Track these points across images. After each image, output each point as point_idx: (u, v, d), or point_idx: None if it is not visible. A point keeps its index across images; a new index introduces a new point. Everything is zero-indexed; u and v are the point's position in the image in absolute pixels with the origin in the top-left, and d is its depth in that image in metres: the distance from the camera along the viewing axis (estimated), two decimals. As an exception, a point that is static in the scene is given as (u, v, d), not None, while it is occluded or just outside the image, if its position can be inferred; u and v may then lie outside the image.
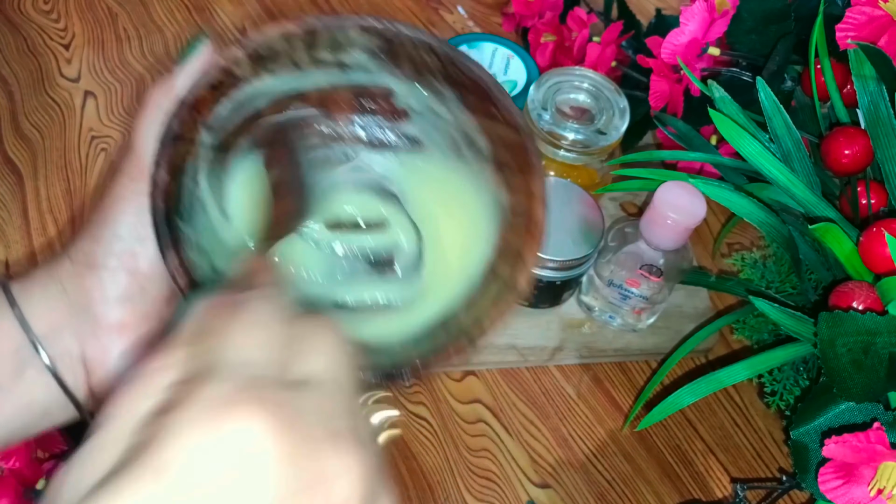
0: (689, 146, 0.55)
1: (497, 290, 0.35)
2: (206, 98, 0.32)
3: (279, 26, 0.32)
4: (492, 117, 0.35)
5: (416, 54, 0.34)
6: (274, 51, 0.33)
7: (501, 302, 0.34)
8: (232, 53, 0.32)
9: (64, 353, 0.31)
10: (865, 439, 0.38)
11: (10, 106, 0.64)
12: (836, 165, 0.48)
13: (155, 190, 0.31)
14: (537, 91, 0.54)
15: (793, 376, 0.48)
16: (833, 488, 0.39)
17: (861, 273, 0.44)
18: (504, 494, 0.50)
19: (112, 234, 0.31)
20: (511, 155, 0.35)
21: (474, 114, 0.36)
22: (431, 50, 0.34)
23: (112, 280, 0.31)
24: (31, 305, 0.31)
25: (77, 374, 0.31)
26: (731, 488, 0.51)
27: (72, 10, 0.72)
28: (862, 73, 0.46)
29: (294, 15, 0.73)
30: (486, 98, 0.34)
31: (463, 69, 0.34)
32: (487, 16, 0.75)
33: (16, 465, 0.44)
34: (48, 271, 0.32)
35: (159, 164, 0.31)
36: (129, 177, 0.31)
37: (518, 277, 0.34)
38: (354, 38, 0.33)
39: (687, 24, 0.52)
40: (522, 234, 0.35)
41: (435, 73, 0.35)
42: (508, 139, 0.35)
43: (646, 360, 0.56)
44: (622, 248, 0.50)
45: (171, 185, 0.31)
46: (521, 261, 0.34)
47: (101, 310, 0.31)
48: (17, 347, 0.30)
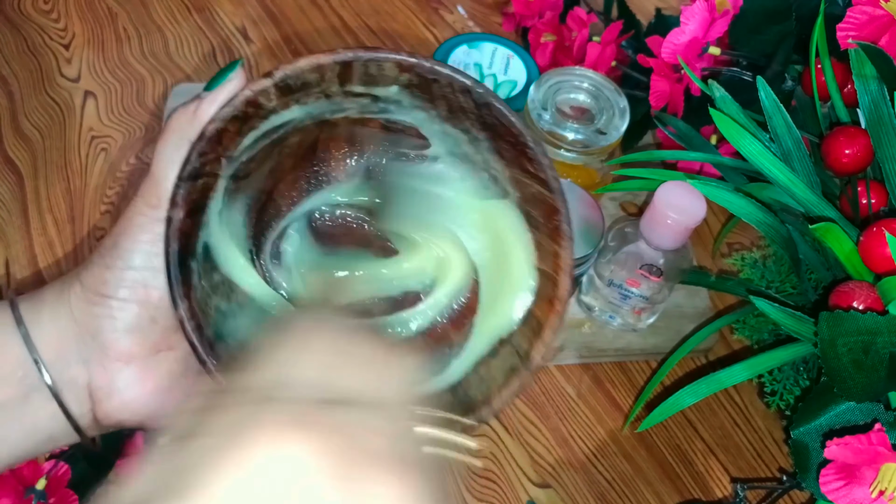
0: (689, 146, 0.55)
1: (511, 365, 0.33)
2: (229, 130, 0.30)
3: (311, 57, 0.30)
4: (525, 171, 0.33)
5: (452, 94, 0.32)
6: (304, 82, 0.31)
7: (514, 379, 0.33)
8: (260, 84, 0.30)
9: (70, 382, 0.31)
10: (867, 441, 0.37)
11: (10, 106, 0.64)
12: (837, 165, 0.48)
13: (170, 230, 0.29)
14: (537, 91, 0.54)
15: (793, 376, 0.48)
16: (834, 489, 0.39)
17: (861, 273, 0.43)
18: (504, 494, 0.50)
19: (125, 263, 0.30)
20: (541, 214, 0.34)
21: (507, 164, 0.34)
22: (467, 91, 0.32)
23: (122, 310, 0.31)
24: (40, 329, 0.31)
25: (82, 402, 0.31)
26: (731, 488, 0.51)
27: (72, 9, 0.72)
28: (863, 72, 0.46)
29: (294, 15, 0.73)
30: (521, 151, 0.33)
31: (499, 116, 0.32)
32: (487, 16, 0.75)
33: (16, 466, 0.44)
34: (59, 294, 0.31)
35: (176, 202, 0.29)
36: (147, 203, 0.30)
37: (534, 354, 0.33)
38: (389, 72, 0.32)
39: (687, 24, 0.52)
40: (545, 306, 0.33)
41: (469, 115, 0.33)
42: (540, 198, 0.33)
43: (646, 360, 0.56)
44: (622, 248, 0.50)
45: (187, 225, 0.30)
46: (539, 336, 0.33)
47: (110, 339, 0.31)
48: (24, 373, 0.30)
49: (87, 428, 0.32)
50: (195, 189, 0.30)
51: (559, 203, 0.33)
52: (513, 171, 0.34)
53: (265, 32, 0.72)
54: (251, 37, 0.71)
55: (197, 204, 0.31)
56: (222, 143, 0.30)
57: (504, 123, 0.32)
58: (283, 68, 0.30)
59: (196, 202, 0.30)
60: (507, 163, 0.34)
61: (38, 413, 0.30)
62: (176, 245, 0.29)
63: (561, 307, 0.33)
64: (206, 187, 0.31)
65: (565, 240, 0.33)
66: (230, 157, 0.31)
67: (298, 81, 0.31)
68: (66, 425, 0.31)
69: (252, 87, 0.30)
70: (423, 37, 0.73)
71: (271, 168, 0.35)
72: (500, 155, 0.34)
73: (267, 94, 0.30)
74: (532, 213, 0.34)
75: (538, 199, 0.33)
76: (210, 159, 0.30)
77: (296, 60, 0.30)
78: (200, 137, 0.30)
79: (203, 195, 0.31)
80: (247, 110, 0.30)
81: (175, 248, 0.29)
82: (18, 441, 0.30)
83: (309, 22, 0.73)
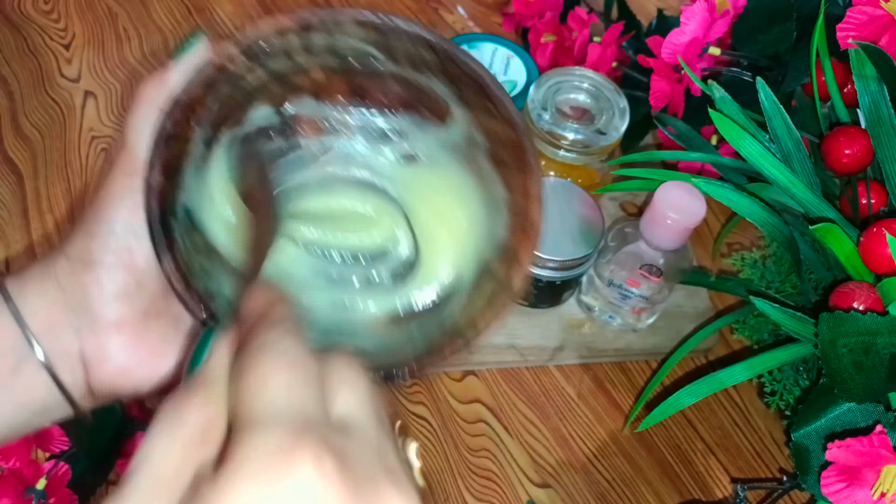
0: (689, 146, 0.55)
1: (492, 290, 0.35)
2: (199, 96, 0.32)
3: (273, 21, 0.32)
4: (489, 114, 0.35)
5: (413, 49, 0.34)
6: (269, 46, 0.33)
7: (496, 302, 0.34)
8: (226, 50, 0.32)
9: (62, 351, 0.31)
10: (868, 443, 0.37)
11: (10, 106, 0.64)
12: (837, 165, 0.48)
13: (149, 192, 0.31)
14: (537, 91, 0.54)
15: (793, 376, 0.48)
16: (836, 491, 0.39)
17: (861, 273, 0.43)
18: (504, 494, 0.50)
19: (107, 230, 0.31)
20: (508, 153, 0.35)
21: (471, 110, 0.35)
22: (428, 45, 0.33)
23: (109, 277, 0.31)
24: (28, 303, 0.31)
25: (76, 371, 0.31)
26: (731, 488, 0.51)
27: (72, 10, 0.72)
28: (863, 72, 0.46)
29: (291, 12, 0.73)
30: (483, 95, 0.34)
31: (460, 65, 0.33)
32: (487, 16, 0.75)
33: (16, 465, 0.44)
34: (44, 268, 0.32)
35: (153, 165, 0.31)
36: (123, 172, 0.31)
37: (513, 277, 0.34)
38: (350, 31, 0.33)
39: (688, 24, 0.52)
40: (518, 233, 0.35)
41: (432, 67, 0.34)
42: (506, 137, 0.35)
43: (646, 360, 0.56)
44: (622, 248, 0.50)
45: (165, 187, 0.31)
46: (516, 261, 0.34)
47: (99, 307, 0.31)
48: (13, 345, 0.30)
49: (82, 398, 0.32)
50: (170, 153, 0.31)
51: (524, 138, 0.34)
52: (476, 113, 0.35)
53: (265, 32, 0.72)
54: (251, 37, 0.71)
55: (173, 166, 0.32)
56: (192, 109, 0.32)
57: (467, 73, 0.33)
58: (246, 33, 0.32)
59: (172, 165, 0.31)
60: (471, 107, 0.35)
61: (31, 383, 0.30)
62: (155, 202, 0.30)
63: (534, 232, 0.34)
64: (181, 152, 0.32)
65: (532, 170, 0.34)
66: (200, 121, 0.33)
67: (263, 45, 0.32)
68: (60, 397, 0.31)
69: (219, 53, 0.31)
70: (423, 37, 0.73)
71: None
72: (465, 102, 0.35)
73: (233, 59, 0.32)
74: (498, 152, 0.36)
75: (502, 137, 0.35)
76: (181, 121, 0.31)
77: (259, 25, 0.32)
78: (171, 104, 0.31)
79: (178, 158, 0.32)
80: (215, 75, 0.32)
81: (154, 204, 0.30)
82: (12, 414, 0.31)
83: (309, 22, 0.73)
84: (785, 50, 0.55)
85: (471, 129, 0.36)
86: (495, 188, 0.37)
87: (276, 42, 0.33)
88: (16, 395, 0.30)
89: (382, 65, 0.35)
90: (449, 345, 0.33)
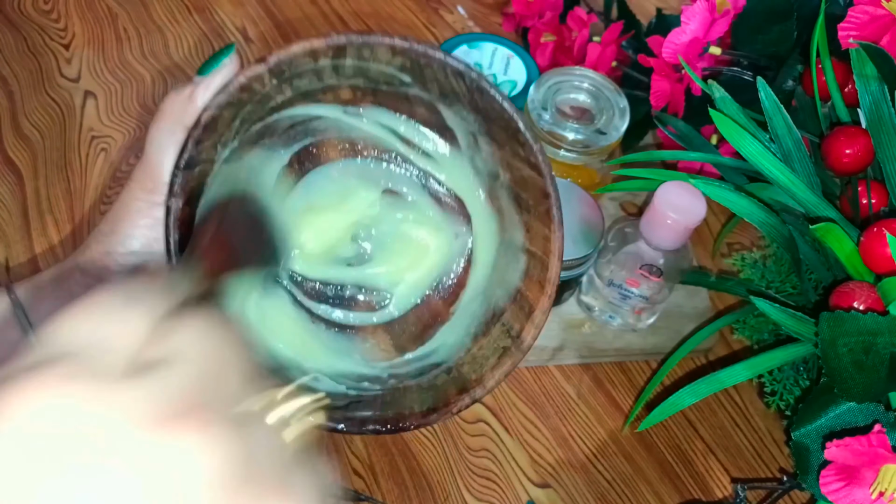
0: (689, 146, 0.55)
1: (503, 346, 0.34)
2: (223, 116, 0.31)
3: (305, 43, 0.30)
4: (516, 155, 0.34)
5: (444, 78, 0.33)
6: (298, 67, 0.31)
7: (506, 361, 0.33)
8: (255, 70, 0.30)
9: None
10: (867, 442, 0.37)
11: (10, 106, 0.64)
12: (837, 165, 0.48)
13: (170, 219, 0.30)
14: (537, 91, 0.54)
15: (793, 376, 0.48)
16: (834, 490, 0.39)
17: (862, 273, 0.43)
18: (504, 494, 0.50)
19: (125, 248, 0.30)
20: (532, 199, 0.34)
21: (499, 147, 0.34)
22: (460, 75, 0.32)
23: None
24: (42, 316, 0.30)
25: None
26: (731, 488, 0.51)
27: (72, 10, 0.72)
28: (863, 72, 0.46)
29: (293, 15, 0.73)
30: (512, 134, 0.33)
31: (490, 100, 0.32)
32: (487, 16, 0.75)
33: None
34: (57, 281, 0.31)
35: (175, 191, 0.30)
36: (143, 188, 0.30)
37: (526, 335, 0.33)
38: (382, 56, 0.32)
39: (688, 24, 0.52)
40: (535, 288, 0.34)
41: (462, 98, 0.33)
42: (532, 182, 0.34)
43: (646, 360, 0.56)
44: (622, 248, 0.50)
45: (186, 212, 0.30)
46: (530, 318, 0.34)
47: None
48: None
49: None
50: (192, 177, 0.30)
51: (550, 187, 0.33)
52: (504, 153, 0.34)
53: (265, 32, 0.72)
54: (251, 37, 0.71)
55: (195, 191, 0.31)
56: (217, 130, 0.31)
57: (496, 108, 0.32)
58: (276, 54, 0.30)
59: (194, 189, 0.31)
60: (499, 146, 0.34)
61: None
62: (177, 235, 0.30)
63: (551, 290, 0.33)
64: (203, 174, 0.31)
65: (556, 224, 0.33)
66: (225, 143, 0.32)
67: (292, 66, 0.31)
68: None
69: (246, 74, 0.30)
70: (423, 37, 0.73)
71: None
72: (492, 138, 0.34)
73: (261, 80, 0.31)
74: (522, 196, 0.35)
75: (529, 183, 0.34)
76: (206, 147, 0.30)
77: (289, 45, 0.30)
78: (196, 125, 0.30)
79: (200, 182, 0.31)
80: (241, 96, 0.31)
81: (176, 237, 0.30)
82: None
83: (308, 22, 0.73)
84: (785, 50, 0.55)
85: (496, 165, 0.35)
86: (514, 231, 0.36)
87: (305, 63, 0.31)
88: None
89: (411, 89, 0.34)
90: (456, 402, 0.33)
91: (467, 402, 0.33)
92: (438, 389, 0.34)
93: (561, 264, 0.33)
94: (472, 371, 0.34)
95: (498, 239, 0.37)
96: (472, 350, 0.35)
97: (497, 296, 0.36)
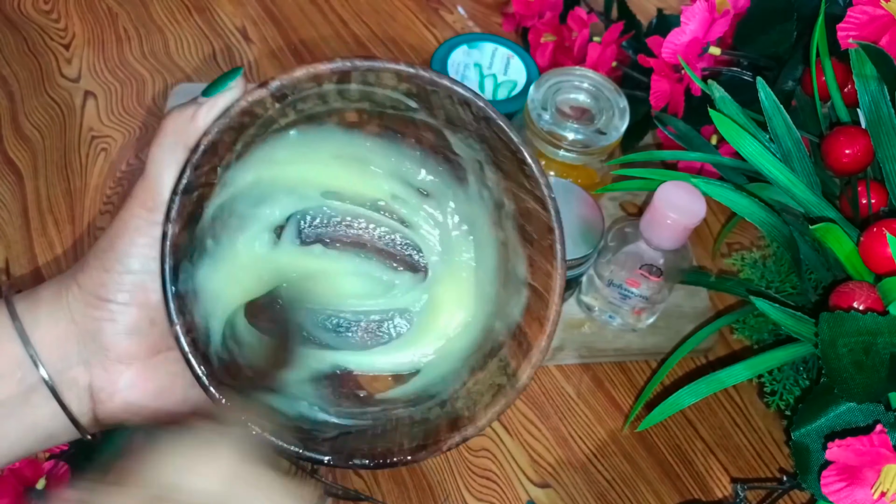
0: (689, 146, 0.55)
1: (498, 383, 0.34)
2: (224, 140, 0.30)
3: (309, 68, 0.30)
4: (522, 187, 0.33)
5: (450, 105, 0.32)
6: (302, 91, 0.31)
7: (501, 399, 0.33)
8: (257, 95, 0.30)
9: (71, 382, 0.31)
10: (868, 442, 0.37)
11: (10, 106, 0.64)
12: (837, 165, 0.48)
13: (165, 245, 0.29)
14: (537, 91, 0.54)
15: (793, 376, 0.48)
16: (836, 491, 0.39)
17: (861, 273, 0.43)
18: (504, 494, 0.50)
19: (123, 267, 0.30)
20: (537, 232, 0.34)
21: (506, 178, 0.34)
22: (466, 103, 0.32)
23: (122, 313, 0.30)
24: (39, 329, 0.30)
25: (83, 402, 0.31)
26: (731, 488, 0.51)
27: (72, 10, 0.72)
28: (863, 72, 0.46)
29: (293, 15, 0.73)
30: (518, 166, 0.32)
31: (498, 131, 0.32)
32: (487, 16, 0.75)
33: (16, 465, 0.44)
34: (56, 295, 0.31)
35: (171, 217, 0.29)
36: (143, 206, 0.30)
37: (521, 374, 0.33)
38: (388, 82, 0.32)
39: (688, 24, 0.52)
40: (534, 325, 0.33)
41: (468, 126, 0.33)
42: (536, 215, 0.33)
43: (646, 360, 0.56)
44: (622, 247, 0.50)
45: (182, 237, 0.30)
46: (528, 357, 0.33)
47: (111, 341, 0.31)
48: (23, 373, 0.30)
49: (88, 426, 0.32)
50: (190, 201, 0.30)
51: (554, 223, 0.32)
52: (509, 184, 0.34)
53: (265, 33, 0.72)
54: (251, 37, 0.71)
55: (193, 215, 0.31)
56: (217, 154, 0.30)
57: (503, 138, 0.32)
58: (279, 78, 0.30)
59: (192, 213, 0.30)
60: (504, 175, 0.34)
61: (37, 412, 0.31)
62: (171, 261, 0.29)
63: (550, 328, 0.33)
64: (202, 197, 0.31)
65: (558, 261, 0.33)
66: (226, 165, 0.31)
67: (295, 90, 0.31)
68: (66, 424, 0.31)
69: (248, 98, 0.30)
70: (423, 37, 0.73)
71: None
72: (498, 167, 0.34)
73: (263, 104, 0.30)
74: (527, 228, 0.34)
75: (533, 216, 0.33)
76: (205, 171, 0.30)
77: (293, 70, 0.30)
78: (195, 149, 0.29)
79: (198, 205, 0.31)
80: (243, 120, 0.30)
81: (171, 263, 0.29)
82: (18, 439, 0.31)
83: (309, 22, 0.73)
84: (785, 50, 0.55)
85: (501, 194, 0.35)
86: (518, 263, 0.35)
87: (309, 88, 0.31)
88: (23, 424, 0.30)
89: (417, 114, 0.34)
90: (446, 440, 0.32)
91: (457, 441, 0.32)
92: (430, 424, 0.33)
93: (561, 304, 0.33)
94: (466, 408, 0.34)
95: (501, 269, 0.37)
96: (468, 384, 0.35)
97: (497, 329, 0.36)
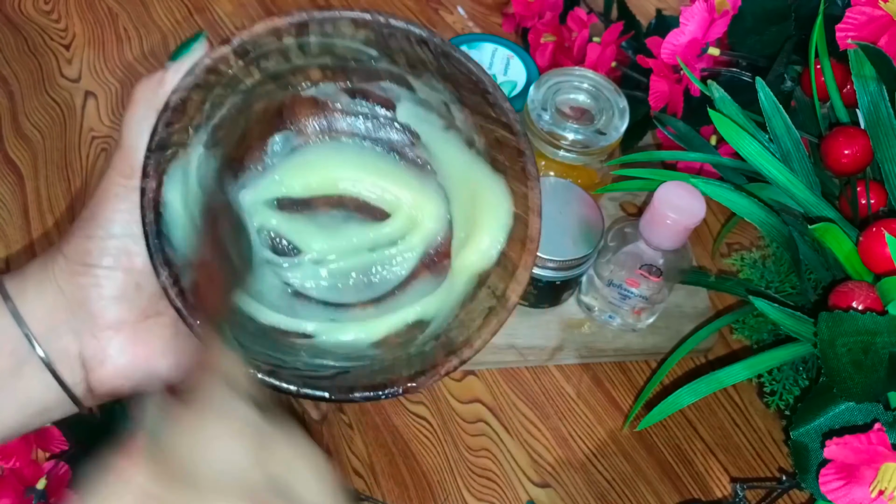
0: (688, 146, 0.55)
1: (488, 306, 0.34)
2: (192, 99, 0.31)
3: (267, 22, 0.31)
4: (488, 118, 0.34)
5: (410, 47, 0.33)
6: (263, 47, 0.32)
7: (492, 320, 0.33)
8: (220, 52, 0.31)
9: (62, 352, 0.31)
10: (866, 441, 0.38)
11: (10, 106, 0.64)
12: (836, 165, 0.48)
13: (144, 200, 0.30)
14: (537, 91, 0.54)
15: (792, 376, 0.48)
16: (834, 489, 0.39)
17: (861, 273, 0.44)
18: (504, 494, 0.50)
19: (106, 232, 0.31)
20: (507, 159, 0.34)
21: (471, 113, 0.35)
22: (424, 43, 0.32)
23: (108, 278, 0.31)
24: (27, 303, 0.31)
25: (75, 372, 0.31)
26: (730, 488, 0.51)
27: (72, 10, 0.72)
28: (862, 73, 0.46)
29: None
30: (482, 97, 0.33)
31: (458, 65, 0.33)
32: (487, 16, 0.75)
33: (16, 465, 0.44)
34: (42, 268, 0.32)
35: (148, 173, 0.30)
36: (120, 173, 0.31)
37: (510, 294, 0.33)
38: (346, 31, 0.32)
39: (687, 24, 0.52)
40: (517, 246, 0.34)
41: (429, 66, 0.34)
42: (505, 142, 0.34)
43: (646, 360, 0.56)
44: (622, 248, 0.50)
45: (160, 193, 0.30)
46: (514, 276, 0.34)
47: (98, 309, 0.31)
48: (14, 347, 0.30)
49: (82, 397, 0.32)
50: (165, 159, 0.31)
51: (523, 145, 0.33)
52: (476, 118, 0.35)
53: (265, 33, 0.72)
54: (251, 37, 0.71)
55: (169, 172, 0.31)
56: (187, 113, 0.31)
57: (463, 72, 0.33)
58: (240, 34, 0.31)
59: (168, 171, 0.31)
60: (471, 111, 0.35)
61: (30, 385, 0.31)
62: (152, 214, 0.30)
63: (533, 246, 0.33)
64: (175, 155, 0.32)
65: (532, 180, 0.33)
66: (197, 126, 0.32)
67: (256, 46, 0.31)
68: (60, 396, 0.31)
69: (212, 55, 0.31)
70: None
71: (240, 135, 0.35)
72: (464, 104, 0.35)
73: (226, 61, 0.31)
74: (498, 158, 0.35)
75: (503, 143, 0.34)
76: (177, 129, 0.31)
77: (252, 26, 0.31)
78: (165, 108, 0.30)
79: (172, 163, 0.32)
80: (209, 78, 0.31)
81: (151, 217, 0.30)
82: (12, 413, 0.31)
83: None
84: (776, 51, 0.55)
85: (470, 131, 0.36)
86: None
87: (270, 43, 0.32)
88: (17, 397, 0.31)
89: (379, 63, 0.34)
90: (444, 363, 0.32)
91: (455, 364, 0.32)
92: (427, 355, 0.34)
93: (540, 219, 0.33)
94: (460, 334, 0.34)
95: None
96: (460, 315, 0.35)
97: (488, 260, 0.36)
